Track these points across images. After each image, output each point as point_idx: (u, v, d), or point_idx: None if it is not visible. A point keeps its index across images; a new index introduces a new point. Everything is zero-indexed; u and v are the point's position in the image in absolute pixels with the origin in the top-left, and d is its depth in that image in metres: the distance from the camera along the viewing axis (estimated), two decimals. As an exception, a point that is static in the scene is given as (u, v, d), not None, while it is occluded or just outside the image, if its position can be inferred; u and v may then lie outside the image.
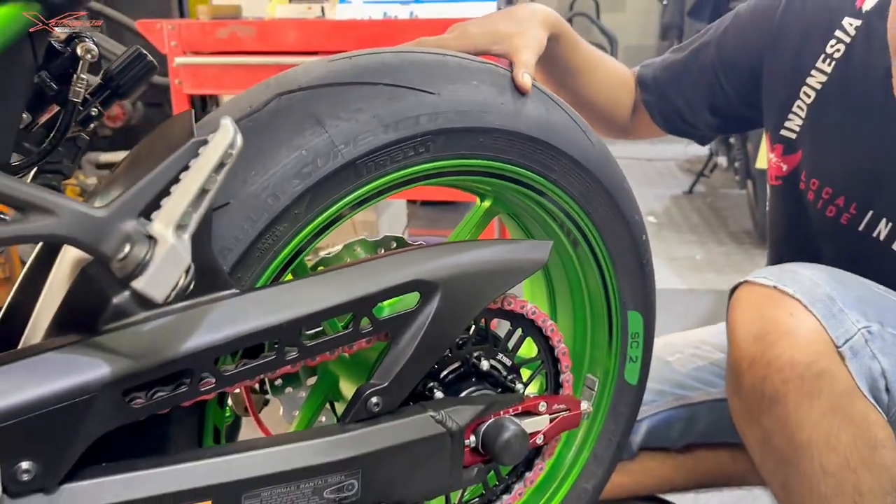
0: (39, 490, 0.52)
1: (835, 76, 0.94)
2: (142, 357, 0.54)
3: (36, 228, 0.45)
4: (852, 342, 0.77)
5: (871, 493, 0.81)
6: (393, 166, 0.68)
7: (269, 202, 0.62)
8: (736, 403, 0.86)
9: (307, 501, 0.61)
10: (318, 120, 0.64)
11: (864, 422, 0.78)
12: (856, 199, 0.94)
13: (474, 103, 0.71)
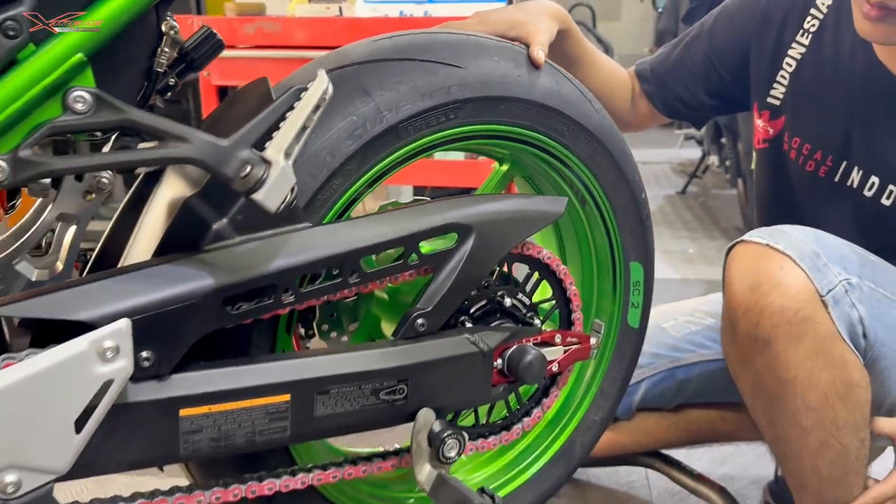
0: (155, 377, 0.64)
1: (811, 47, 1.08)
2: (238, 272, 0.66)
3: (174, 152, 0.58)
4: (834, 292, 0.88)
5: (846, 426, 0.92)
6: (428, 130, 0.80)
7: (328, 160, 0.74)
8: (731, 349, 0.97)
9: (366, 400, 0.73)
10: (365, 91, 0.77)
11: (843, 363, 0.90)
12: (832, 152, 1.07)
13: (495, 76, 0.83)
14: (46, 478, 0.58)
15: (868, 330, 0.90)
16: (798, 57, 1.09)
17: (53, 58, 0.57)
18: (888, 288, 0.94)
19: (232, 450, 0.68)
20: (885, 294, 0.93)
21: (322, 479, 0.77)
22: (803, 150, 1.10)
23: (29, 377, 0.55)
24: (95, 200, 0.74)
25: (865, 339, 0.91)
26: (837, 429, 0.91)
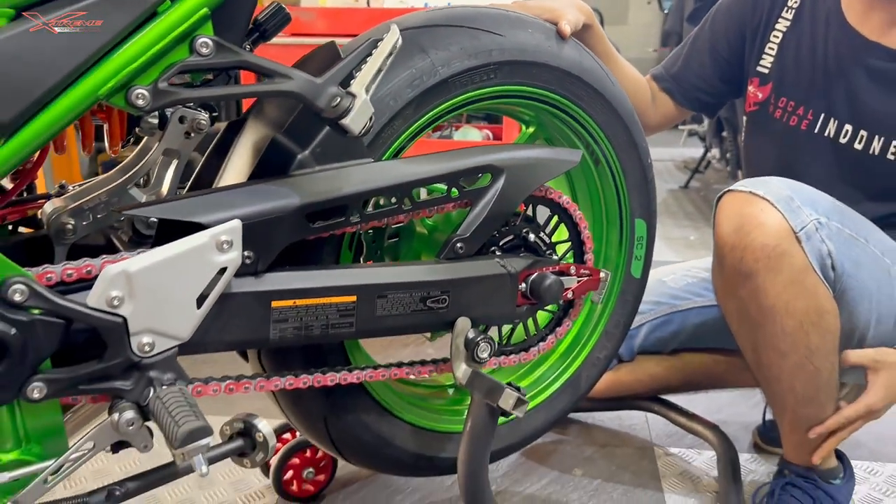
0: (254, 273, 0.79)
1: (794, 21, 1.26)
2: (318, 194, 0.81)
3: (280, 86, 0.73)
4: (806, 229, 1.03)
5: (818, 350, 1.07)
6: (472, 86, 0.96)
7: (391, 104, 0.90)
8: (719, 282, 1.13)
9: (416, 306, 0.88)
10: (423, 49, 0.92)
11: (815, 293, 1.05)
12: (812, 106, 1.23)
13: (528, 45, 0.99)
14: (172, 343, 0.73)
15: (836, 263, 1.05)
16: (784, 30, 1.26)
17: (184, 11, 0.72)
18: (853, 229, 1.09)
19: (310, 339, 0.83)
20: (851, 234, 1.08)
21: (373, 377, 0.93)
22: (788, 108, 1.26)
23: (165, 259, 0.71)
24: (194, 139, 0.89)
25: (834, 271, 1.05)
26: (811, 352, 1.05)
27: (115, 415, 0.71)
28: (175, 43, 0.72)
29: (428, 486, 1.32)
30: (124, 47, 0.70)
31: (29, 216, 0.97)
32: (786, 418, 1.14)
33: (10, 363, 0.66)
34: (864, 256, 1.08)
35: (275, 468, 1.25)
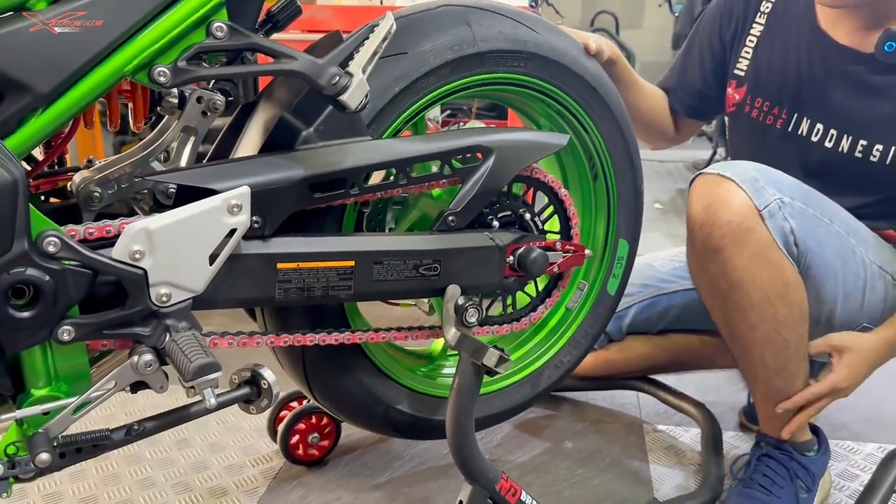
0: (261, 237, 0.88)
1: (767, 25, 1.32)
2: (320, 167, 0.90)
3: (286, 66, 0.82)
4: (770, 207, 1.10)
5: (785, 321, 1.13)
6: (502, 68, 1.05)
7: (430, 60, 0.99)
8: (692, 259, 1.19)
9: (409, 272, 0.96)
10: (467, 22, 1.02)
11: (779, 267, 1.11)
12: (785, 106, 1.30)
13: (558, 47, 1.10)
14: (187, 295, 0.82)
15: (798, 240, 1.11)
16: (758, 34, 1.34)
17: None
18: (816, 209, 1.15)
19: (311, 300, 0.92)
20: (814, 213, 1.14)
21: (374, 339, 1.01)
22: (763, 108, 1.33)
23: (182, 219, 0.80)
24: (210, 117, 0.97)
25: (797, 247, 1.12)
26: (778, 324, 1.12)
27: (134, 357, 0.79)
28: (193, 27, 0.81)
29: (425, 454, 1.40)
30: (148, 29, 0.79)
31: (59, 187, 1.06)
32: (759, 391, 1.21)
33: (43, 306, 0.75)
34: (827, 235, 1.15)
35: (282, 433, 1.33)
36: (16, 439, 0.81)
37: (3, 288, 0.73)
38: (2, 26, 0.73)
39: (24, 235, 0.73)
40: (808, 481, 1.22)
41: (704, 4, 3.38)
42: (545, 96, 1.12)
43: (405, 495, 1.28)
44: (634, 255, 1.28)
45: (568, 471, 1.37)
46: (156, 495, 1.28)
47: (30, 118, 0.75)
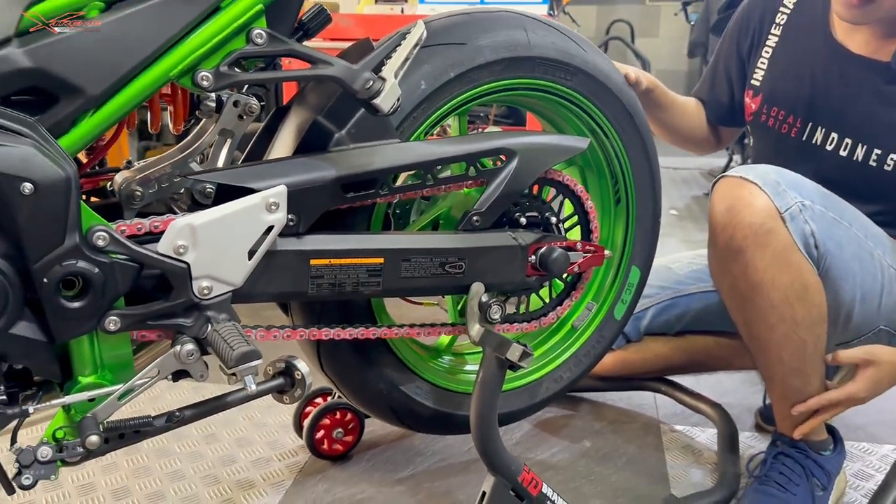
0: (295, 234, 0.92)
1: (782, 36, 1.35)
2: (352, 167, 0.94)
3: (323, 71, 0.86)
4: (791, 210, 1.13)
5: (803, 322, 1.16)
6: (550, 76, 1.11)
7: (487, 55, 1.04)
8: (713, 260, 1.22)
9: (436, 269, 1.00)
10: (524, 28, 1.08)
11: (799, 269, 1.14)
12: (800, 115, 1.32)
13: (602, 69, 1.16)
14: (227, 288, 0.86)
15: (818, 242, 1.14)
16: (773, 45, 1.37)
17: (243, 7, 0.85)
18: (836, 212, 1.18)
19: (342, 295, 0.95)
20: (834, 217, 1.17)
21: (398, 334, 1.05)
22: (779, 117, 1.35)
23: (224, 216, 0.84)
24: (246, 121, 1.02)
25: (817, 249, 1.14)
26: (797, 324, 1.14)
27: (177, 347, 0.83)
28: (234, 34, 0.85)
29: (446, 450, 1.44)
30: (192, 36, 0.83)
31: (99, 187, 1.11)
32: (776, 390, 1.23)
33: (92, 297, 0.79)
34: (846, 238, 1.17)
35: (307, 428, 1.37)
36: (63, 424, 0.85)
37: (56, 279, 0.77)
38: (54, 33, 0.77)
39: (76, 230, 0.77)
40: (823, 479, 1.24)
41: (720, 13, 3.41)
42: (583, 112, 1.17)
43: (427, 489, 1.32)
44: (644, 284, 1.32)
45: (586, 468, 1.40)
46: (185, 487, 1.32)
47: (82, 119, 0.80)
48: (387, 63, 0.88)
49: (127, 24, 0.79)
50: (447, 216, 1.12)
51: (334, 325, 1.00)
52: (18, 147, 0.73)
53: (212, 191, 0.93)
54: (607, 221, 1.28)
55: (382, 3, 2.38)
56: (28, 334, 0.79)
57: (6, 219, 0.75)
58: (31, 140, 0.75)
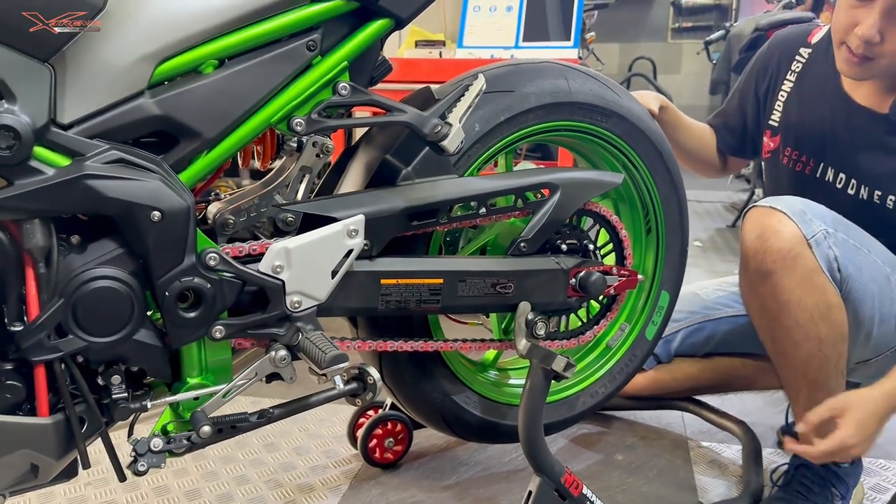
0: (369, 257, 1.05)
1: (797, 82, 1.48)
2: (417, 199, 1.07)
3: (398, 118, 1.00)
4: (816, 237, 1.23)
5: (827, 339, 1.25)
6: (587, 119, 1.25)
7: (531, 100, 1.19)
8: (744, 283, 1.33)
9: (488, 289, 1.13)
10: (565, 77, 1.22)
11: (824, 290, 1.23)
12: (812, 155, 1.44)
13: (636, 112, 1.29)
14: (313, 302, 0.99)
15: (841, 266, 1.24)
16: (789, 90, 1.50)
17: (330, 64, 1.00)
18: (856, 240, 1.28)
19: (407, 311, 1.09)
20: (854, 244, 1.27)
21: (453, 348, 1.18)
22: (793, 156, 1.48)
23: (313, 240, 0.98)
24: (322, 158, 1.16)
25: (840, 273, 1.24)
26: (821, 341, 1.24)
27: (271, 353, 0.97)
28: (323, 87, 1.00)
29: (489, 461, 1.55)
30: (289, 89, 0.98)
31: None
32: (800, 404, 1.33)
33: (203, 309, 0.93)
34: (865, 263, 1.28)
35: (362, 437, 1.49)
36: (171, 420, 0.99)
37: (175, 293, 0.91)
38: (179, 85, 0.92)
39: (193, 251, 0.92)
40: (842, 489, 1.33)
41: (741, 53, 3.55)
42: (617, 150, 1.31)
43: (472, 495, 1.43)
44: (673, 307, 1.44)
45: (619, 479, 1.50)
46: (251, 490, 1.45)
47: (198, 158, 0.95)
48: (452, 111, 1.03)
49: (237, 79, 0.94)
50: (494, 243, 1.25)
51: (397, 338, 1.13)
52: (149, 181, 0.88)
53: (293, 219, 1.07)
54: (639, 249, 1.41)
55: (422, 48, 2.55)
56: (148, 340, 0.93)
57: (136, 241, 0.89)
58: (159, 175, 0.89)
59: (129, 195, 0.87)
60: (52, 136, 0.85)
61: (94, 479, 1.49)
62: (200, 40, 0.92)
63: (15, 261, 0.86)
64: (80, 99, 0.87)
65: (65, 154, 0.86)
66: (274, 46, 0.96)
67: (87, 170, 0.85)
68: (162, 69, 0.91)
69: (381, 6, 1.02)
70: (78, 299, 0.88)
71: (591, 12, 4.32)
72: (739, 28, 3.77)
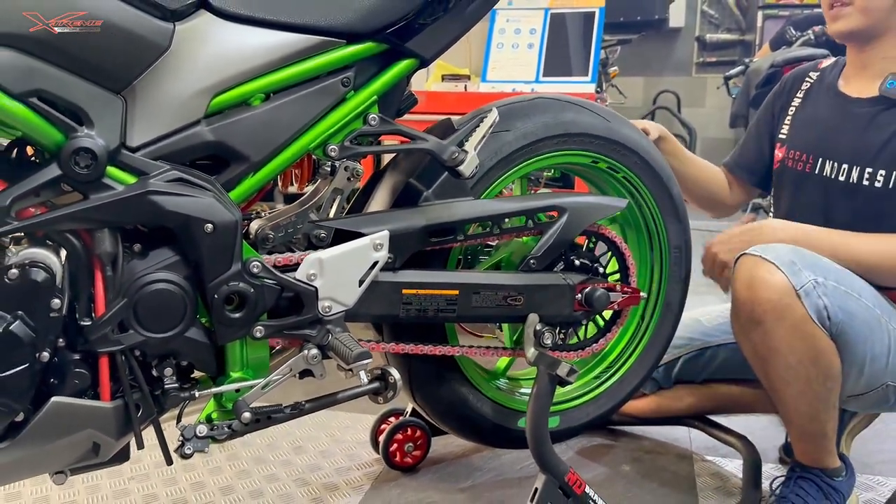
0: (392, 269, 1.18)
1: (803, 98, 1.63)
2: (437, 218, 1.20)
3: (420, 145, 1.14)
4: (805, 287, 1.28)
5: (816, 379, 1.31)
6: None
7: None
8: (737, 328, 1.40)
9: (500, 301, 1.24)
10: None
11: (813, 337, 1.29)
12: (812, 153, 1.56)
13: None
14: (342, 308, 1.12)
15: (831, 314, 1.29)
16: (797, 105, 1.62)
17: (362, 98, 1.14)
18: (847, 286, 1.34)
19: (425, 319, 1.21)
20: (845, 290, 1.33)
21: (467, 353, 1.29)
22: (797, 157, 1.59)
23: (343, 252, 1.10)
24: (353, 181, 1.30)
25: (829, 320, 1.30)
26: (810, 381, 1.31)
27: (304, 351, 1.09)
28: (355, 118, 1.14)
29: (502, 468, 1.65)
30: (325, 119, 1.11)
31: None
32: (794, 433, 1.41)
33: (247, 311, 1.06)
34: (857, 307, 1.33)
35: (383, 442, 1.61)
36: (214, 409, 1.11)
37: (223, 296, 1.04)
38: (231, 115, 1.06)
39: (239, 260, 1.05)
40: (837, 499, 1.41)
41: (758, 88, 3.65)
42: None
43: (486, 497, 1.53)
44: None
45: (625, 488, 1.59)
46: (280, 487, 1.57)
47: (244, 179, 1.08)
48: (468, 139, 1.16)
49: (281, 111, 1.08)
50: (507, 260, 1.37)
51: (417, 342, 1.25)
52: (203, 198, 1.02)
53: (325, 235, 1.19)
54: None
55: (448, 82, 2.70)
56: (197, 338, 1.06)
57: (190, 250, 1.03)
58: (212, 193, 1.03)
59: (186, 209, 1.00)
60: (122, 158, 0.99)
61: (136, 474, 1.61)
62: (250, 77, 1.05)
63: (87, 265, 1.00)
64: (146, 126, 1.01)
65: (132, 173, 1.00)
66: (313, 82, 1.10)
67: (150, 187, 0.99)
68: (217, 101, 1.05)
69: (407, 48, 1.15)
70: (139, 299, 1.01)
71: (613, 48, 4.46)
72: (757, 64, 3.87)
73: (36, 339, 0.94)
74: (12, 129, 0.95)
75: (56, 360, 0.98)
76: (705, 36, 6.75)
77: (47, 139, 0.94)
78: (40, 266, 0.95)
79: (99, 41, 0.94)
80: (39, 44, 0.91)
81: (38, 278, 0.94)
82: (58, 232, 0.97)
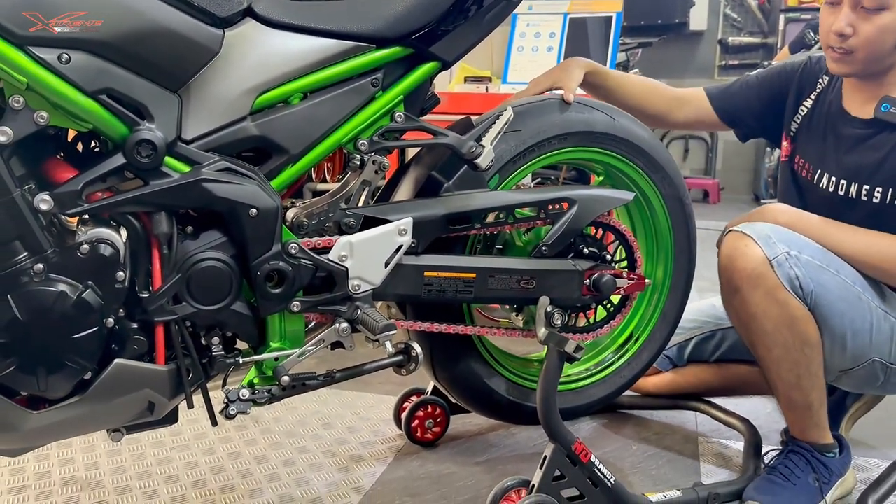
0: (415, 253, 1.30)
1: (815, 100, 1.68)
2: (455, 207, 1.31)
3: (441, 140, 1.25)
4: (778, 258, 1.39)
5: (794, 345, 1.41)
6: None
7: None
8: (723, 298, 1.51)
9: (513, 284, 1.36)
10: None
11: (786, 303, 1.39)
12: (814, 164, 1.64)
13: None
14: (370, 287, 1.24)
15: (803, 284, 1.39)
16: (809, 105, 1.68)
17: (389, 97, 1.26)
18: (823, 262, 1.43)
19: (445, 300, 1.32)
20: (819, 264, 1.42)
21: (486, 333, 1.40)
22: (801, 164, 1.67)
23: (371, 236, 1.23)
24: (380, 174, 1.42)
25: (802, 290, 1.39)
26: (788, 348, 1.41)
27: (336, 325, 1.21)
28: (382, 115, 1.26)
29: (516, 445, 1.76)
30: (356, 116, 1.24)
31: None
32: (781, 401, 1.51)
33: (285, 287, 1.18)
34: (832, 282, 1.42)
35: (406, 418, 1.73)
36: (255, 376, 1.24)
37: (265, 273, 1.17)
38: (273, 112, 1.19)
39: (279, 241, 1.17)
40: (825, 476, 1.50)
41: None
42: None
43: (500, 469, 1.64)
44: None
45: (632, 464, 1.70)
46: (311, 458, 1.69)
47: (284, 169, 1.21)
48: (485, 135, 1.27)
49: (317, 108, 1.20)
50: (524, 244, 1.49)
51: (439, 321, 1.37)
52: (249, 185, 1.14)
53: (355, 222, 1.31)
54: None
55: (470, 83, 2.81)
56: (242, 311, 1.18)
57: (237, 232, 1.15)
58: (256, 181, 1.15)
59: (234, 195, 1.13)
60: (178, 149, 1.12)
61: (177, 444, 1.75)
62: (291, 78, 1.18)
63: (146, 243, 1.13)
64: (199, 121, 1.14)
65: (186, 163, 1.13)
66: (346, 83, 1.22)
67: (203, 175, 1.12)
68: (261, 100, 1.17)
69: (431, 52, 1.27)
70: (191, 275, 1.13)
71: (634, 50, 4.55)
72: (775, 67, 3.95)
73: (103, 307, 1.08)
74: (85, 122, 1.08)
75: (118, 327, 1.11)
76: (728, 39, 6.79)
77: (114, 132, 1.08)
78: (107, 243, 1.08)
79: (159, 46, 1.07)
80: (109, 47, 1.04)
81: (106, 253, 1.07)
82: (121, 214, 1.10)
